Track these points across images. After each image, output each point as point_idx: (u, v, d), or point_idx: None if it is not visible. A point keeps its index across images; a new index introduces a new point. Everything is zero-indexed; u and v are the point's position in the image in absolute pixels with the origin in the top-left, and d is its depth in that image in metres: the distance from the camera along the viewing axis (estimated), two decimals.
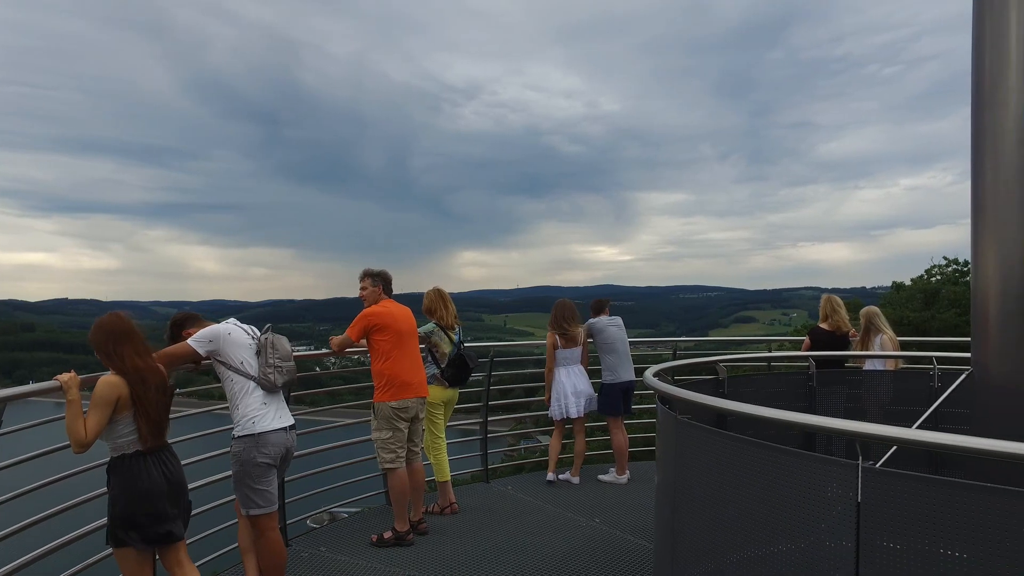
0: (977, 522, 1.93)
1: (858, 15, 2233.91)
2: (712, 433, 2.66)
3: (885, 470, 1.98)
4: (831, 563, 2.17)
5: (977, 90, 3.16)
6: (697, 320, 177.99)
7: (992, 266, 3.12)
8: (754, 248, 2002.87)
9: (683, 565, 2.94)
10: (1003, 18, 3.00)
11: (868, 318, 6.81)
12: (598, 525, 5.19)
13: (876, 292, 27.45)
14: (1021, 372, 3.01)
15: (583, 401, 6.26)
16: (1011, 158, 3.00)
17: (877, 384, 5.46)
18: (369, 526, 5.10)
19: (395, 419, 4.73)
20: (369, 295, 4.94)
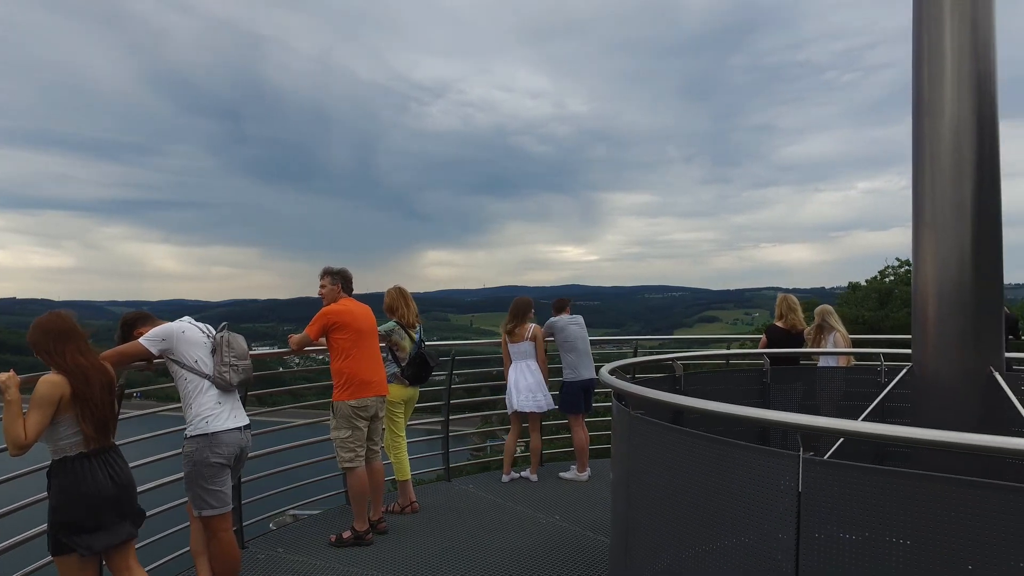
0: (914, 508, 2.01)
1: (819, 22, 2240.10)
2: (662, 428, 2.72)
3: (824, 460, 2.05)
4: (777, 553, 2.24)
5: (917, 99, 3.29)
6: (662, 320, 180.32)
7: (930, 267, 3.24)
8: (718, 249, 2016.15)
9: (636, 560, 2.99)
10: (939, 33, 3.14)
11: (822, 316, 7.02)
12: (558, 522, 5.24)
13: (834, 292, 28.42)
14: (956, 367, 3.14)
15: (527, 396, 6.22)
16: (947, 164, 3.14)
17: (830, 380, 5.63)
18: (328, 526, 5.06)
19: (354, 418, 4.71)
20: (328, 293, 4.91)
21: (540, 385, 6.27)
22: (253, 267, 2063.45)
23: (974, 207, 3.14)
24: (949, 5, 3.12)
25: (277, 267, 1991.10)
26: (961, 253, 3.14)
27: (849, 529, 2.12)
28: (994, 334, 3.16)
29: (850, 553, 2.10)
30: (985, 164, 3.13)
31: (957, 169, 3.15)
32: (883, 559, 2.06)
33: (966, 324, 3.13)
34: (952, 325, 3.16)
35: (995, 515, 1.90)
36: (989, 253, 3.15)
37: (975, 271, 3.13)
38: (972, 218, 3.14)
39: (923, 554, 2.01)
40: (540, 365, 6.31)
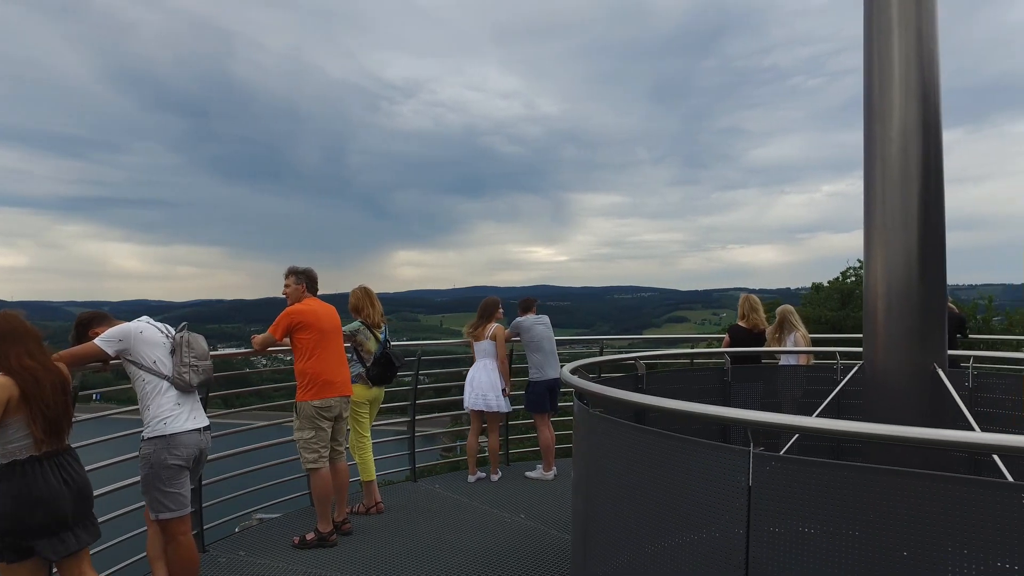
0: (859, 500, 2.09)
1: (786, 28, 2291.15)
2: (619, 425, 2.77)
3: (773, 455, 2.12)
4: (728, 547, 2.30)
5: (868, 106, 3.40)
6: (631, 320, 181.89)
7: (880, 268, 3.36)
8: (686, 250, 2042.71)
9: (596, 557, 3.04)
10: (888, 44, 3.26)
11: (783, 316, 7.19)
12: (523, 521, 5.28)
13: (800, 292, 29.12)
14: (904, 365, 3.26)
15: (476, 395, 6.24)
16: (895, 168, 3.25)
17: (790, 378, 5.77)
18: (292, 528, 5.02)
19: (318, 418, 4.68)
20: (292, 293, 4.88)
21: (493, 385, 6.26)
22: (219, 267, 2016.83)
23: (920, 211, 3.26)
24: (896, 17, 3.23)
25: (244, 267, 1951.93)
26: (908, 255, 3.26)
27: (798, 522, 2.19)
28: (938, 333, 3.28)
29: (798, 546, 2.17)
30: (930, 169, 3.25)
31: (904, 174, 3.26)
32: (830, 551, 2.14)
33: (912, 323, 3.24)
34: (899, 324, 3.27)
35: (932, 504, 1.98)
36: (934, 255, 3.27)
37: (921, 273, 3.25)
38: (918, 221, 3.26)
39: (868, 545, 2.09)
40: (499, 365, 6.33)
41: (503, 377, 6.32)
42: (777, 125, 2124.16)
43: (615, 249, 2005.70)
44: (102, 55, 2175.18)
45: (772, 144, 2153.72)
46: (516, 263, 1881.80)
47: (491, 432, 6.44)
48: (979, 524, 1.93)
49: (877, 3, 3.31)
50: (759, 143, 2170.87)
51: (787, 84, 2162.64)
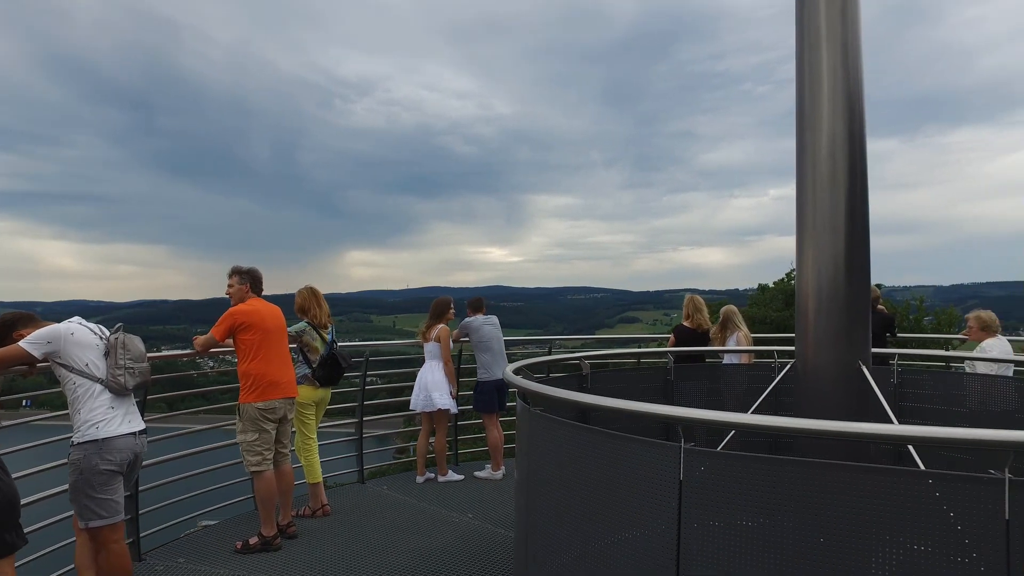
0: (787, 492, 2.18)
1: (737, 35, 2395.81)
2: (557, 423, 2.82)
3: (703, 450, 2.20)
4: (662, 542, 2.36)
5: (799, 115, 3.55)
6: (584, 320, 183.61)
7: (810, 270, 3.50)
8: (638, 251, 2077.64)
9: (537, 556, 3.08)
10: (817, 55, 3.42)
11: (726, 316, 7.41)
12: (471, 520, 5.30)
13: (747, 293, 29.91)
14: (832, 362, 3.41)
15: (418, 395, 6.29)
16: (824, 173, 3.40)
17: (731, 376, 5.95)
18: (235, 533, 4.91)
19: (261, 420, 4.60)
20: (235, 293, 4.79)
21: (439, 385, 6.28)
22: (163, 266, 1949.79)
23: (847, 215, 3.41)
24: (824, 32, 3.39)
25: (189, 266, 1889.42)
26: (836, 258, 3.41)
27: (728, 515, 2.28)
28: (863, 331, 3.45)
29: (728, 538, 2.26)
30: (856, 176, 3.42)
31: (833, 180, 3.42)
32: (759, 542, 2.23)
33: (839, 323, 3.40)
34: (828, 324, 3.42)
35: (854, 493, 2.09)
36: (859, 258, 3.43)
37: (848, 274, 3.41)
38: (845, 226, 3.41)
39: (796, 535, 2.19)
40: (444, 366, 6.35)
41: (448, 378, 6.33)
42: (728, 130, 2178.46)
43: (568, 250, 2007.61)
44: (32, 40, 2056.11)
45: (723, 148, 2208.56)
46: (470, 264, 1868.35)
47: (438, 432, 6.44)
48: (896, 510, 2.05)
49: (807, 18, 3.47)
50: (711, 147, 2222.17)
51: (738, 90, 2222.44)
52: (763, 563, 2.20)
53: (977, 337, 6.35)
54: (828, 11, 3.41)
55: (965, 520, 1.93)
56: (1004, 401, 4.53)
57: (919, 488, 2.01)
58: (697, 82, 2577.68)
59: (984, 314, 6.38)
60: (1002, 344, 6.15)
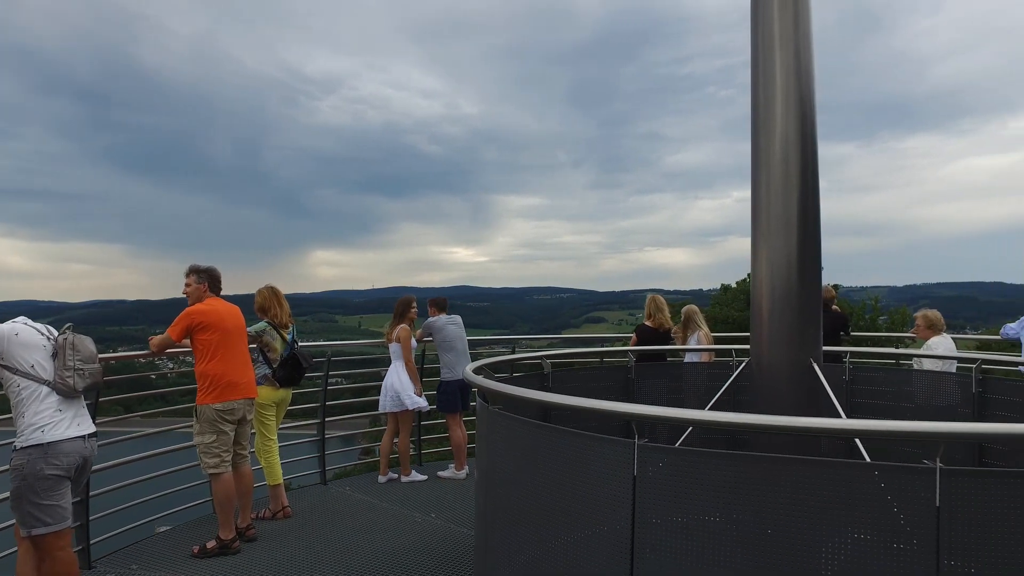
0: (739, 485, 2.24)
1: (703, 39, 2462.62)
2: (515, 421, 2.84)
3: (656, 446, 2.24)
4: (618, 538, 2.40)
5: (754, 119, 3.65)
6: (550, 320, 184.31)
7: (764, 271, 3.60)
8: (604, 252, 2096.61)
9: (496, 556, 3.10)
10: (771, 60, 3.51)
11: (687, 316, 7.53)
12: (433, 520, 5.29)
13: (711, 294, 30.49)
14: (784, 360, 3.51)
15: (387, 396, 6.32)
16: (777, 174, 3.50)
17: (692, 374, 6.05)
18: (192, 537, 4.82)
19: (219, 422, 4.53)
20: (193, 292, 4.71)
21: (405, 385, 6.31)
22: (118, 265, 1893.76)
23: (799, 217, 3.52)
24: (778, 37, 3.48)
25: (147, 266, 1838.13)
26: (788, 258, 3.51)
27: (681, 509, 2.33)
28: (814, 330, 3.56)
29: (681, 532, 2.31)
30: (808, 179, 3.52)
31: (785, 183, 3.52)
32: (713, 536, 2.28)
33: (792, 322, 3.50)
34: (781, 323, 3.52)
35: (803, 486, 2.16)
36: (811, 258, 3.54)
37: (800, 275, 3.51)
38: (798, 227, 3.52)
39: (748, 527, 2.25)
40: (405, 365, 6.34)
41: (411, 377, 6.33)
42: (693, 132, 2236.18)
43: (535, 250, 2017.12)
44: None
45: (688, 151, 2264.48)
46: (437, 264, 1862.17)
47: (402, 432, 6.43)
48: (844, 501, 2.12)
49: (761, 24, 3.56)
50: (676, 149, 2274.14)
51: (703, 93, 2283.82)
52: (717, 557, 2.26)
53: (924, 335, 6.60)
54: (781, 18, 3.51)
55: (904, 508, 2.01)
56: (948, 396, 4.71)
57: (864, 479, 2.09)
58: (663, 84, 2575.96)
59: (931, 313, 6.62)
60: (946, 342, 6.39)
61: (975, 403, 4.32)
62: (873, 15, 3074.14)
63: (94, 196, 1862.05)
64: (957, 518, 1.87)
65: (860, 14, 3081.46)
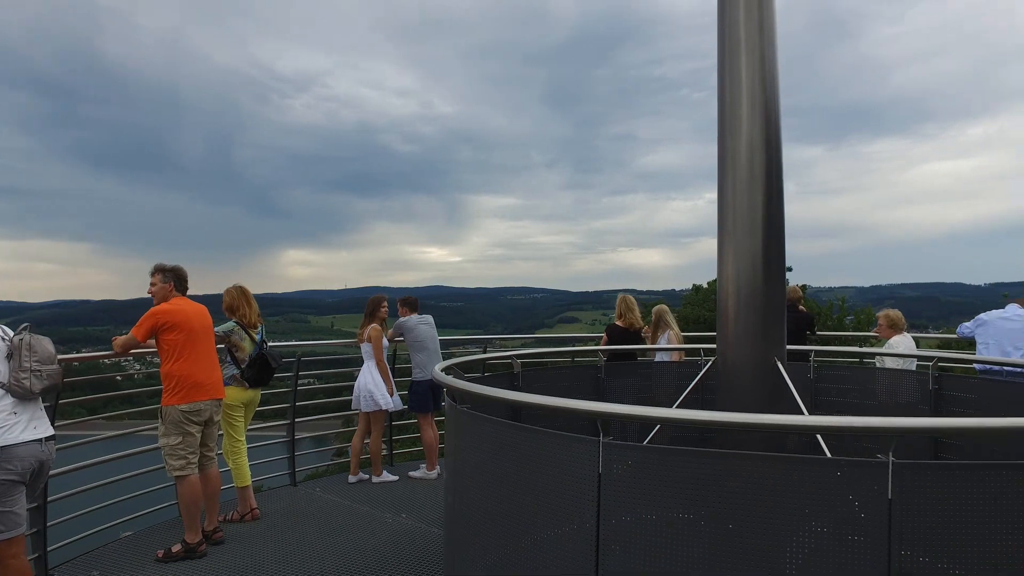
0: (703, 481, 2.27)
1: (674, 41, 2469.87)
2: (481, 420, 2.85)
3: (620, 443, 2.27)
4: (584, 536, 2.42)
5: (720, 121, 3.70)
6: (524, 320, 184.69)
7: (730, 270, 3.65)
8: (578, 252, 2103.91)
9: (465, 553, 3.11)
10: (736, 64, 3.57)
11: (658, 316, 7.62)
12: (404, 520, 5.28)
13: (683, 294, 30.90)
14: (749, 358, 3.57)
15: (359, 396, 6.32)
16: (743, 176, 3.56)
17: (661, 373, 6.12)
18: (156, 541, 4.74)
19: (185, 423, 4.46)
20: (158, 292, 4.64)
21: (378, 384, 6.31)
22: (84, 264, 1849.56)
23: (764, 218, 3.57)
24: (744, 43, 3.54)
25: (113, 265, 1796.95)
26: (753, 258, 3.57)
27: (644, 506, 2.36)
28: (778, 329, 3.62)
29: (645, 529, 2.34)
30: (773, 181, 3.58)
31: (751, 185, 3.57)
32: (678, 531, 2.31)
33: (756, 321, 3.55)
34: (746, 322, 3.58)
35: (766, 482, 2.20)
36: (775, 259, 3.60)
37: (765, 275, 3.57)
38: (763, 228, 3.57)
39: (712, 523, 2.29)
40: (376, 364, 6.33)
41: (382, 377, 6.32)
42: (666, 134, 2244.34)
43: (509, 250, 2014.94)
44: None
45: (661, 152, 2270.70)
46: (410, 263, 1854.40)
47: (374, 432, 6.41)
48: (805, 496, 2.17)
49: (727, 30, 3.62)
50: (649, 150, 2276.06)
51: (675, 96, 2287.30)
52: (683, 553, 2.28)
53: (886, 334, 6.77)
54: (747, 24, 3.57)
55: (860, 502, 2.07)
56: (908, 393, 4.84)
57: (825, 474, 2.14)
58: (637, 86, 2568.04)
59: (892, 313, 6.80)
60: (907, 341, 6.57)
61: (932, 399, 4.44)
62: (840, 22, 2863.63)
63: (59, 193, 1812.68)
64: (908, 510, 1.93)
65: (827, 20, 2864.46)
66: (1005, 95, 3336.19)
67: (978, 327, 6.12)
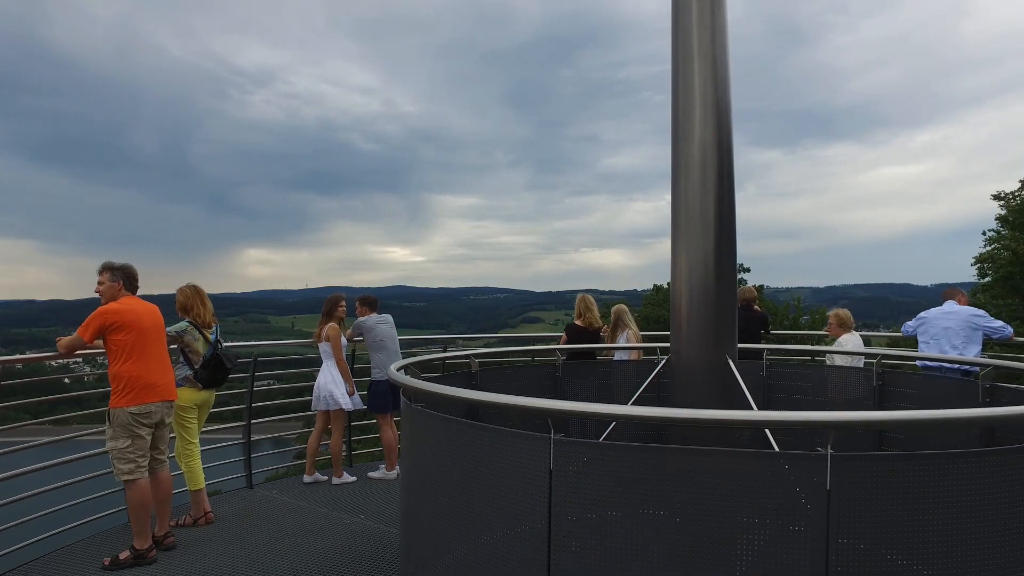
0: (654, 477, 2.32)
1: (638, 45, 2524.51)
2: (435, 418, 2.85)
3: (570, 439, 2.30)
4: (536, 533, 2.44)
5: (674, 124, 3.78)
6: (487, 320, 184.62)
7: (683, 270, 3.74)
8: (541, 252, 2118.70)
9: (420, 553, 3.11)
10: (690, 70, 3.65)
11: (617, 315, 7.71)
12: (362, 521, 5.24)
13: (645, 294, 31.56)
14: (701, 356, 3.65)
15: (319, 396, 6.28)
16: (695, 178, 3.64)
17: (619, 371, 6.21)
18: (103, 549, 4.59)
19: (135, 425, 4.35)
20: (106, 291, 4.52)
21: (338, 384, 6.27)
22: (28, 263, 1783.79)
23: (716, 219, 3.67)
24: (696, 49, 3.63)
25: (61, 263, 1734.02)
26: (706, 259, 3.66)
27: (599, 503, 2.39)
28: (730, 328, 3.72)
29: (598, 525, 2.38)
30: (724, 182, 3.68)
31: (703, 186, 3.66)
32: (629, 527, 2.36)
33: (708, 320, 3.65)
34: (698, 321, 3.67)
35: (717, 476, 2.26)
36: (727, 259, 3.70)
37: (716, 275, 3.67)
38: (715, 229, 3.67)
39: (660, 518, 2.34)
40: (337, 364, 6.28)
41: (343, 377, 6.27)
42: (628, 136, 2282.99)
43: (472, 250, 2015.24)
44: None
45: (623, 154, 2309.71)
46: (373, 263, 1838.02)
47: (334, 433, 6.35)
48: (754, 489, 2.23)
49: (681, 36, 3.70)
50: (612, 152, 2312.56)
51: (637, 98, 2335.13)
52: (635, 548, 2.33)
53: (836, 333, 6.99)
54: (699, 30, 3.65)
55: (805, 493, 2.14)
56: (855, 389, 5.01)
57: (772, 467, 2.21)
58: (599, 88, 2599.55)
59: (841, 312, 7.03)
60: (855, 339, 6.80)
61: (876, 395, 4.61)
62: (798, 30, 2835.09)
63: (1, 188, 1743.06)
64: (845, 500, 2.01)
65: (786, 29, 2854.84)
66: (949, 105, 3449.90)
67: (919, 325, 6.37)
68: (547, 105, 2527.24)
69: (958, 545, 2.07)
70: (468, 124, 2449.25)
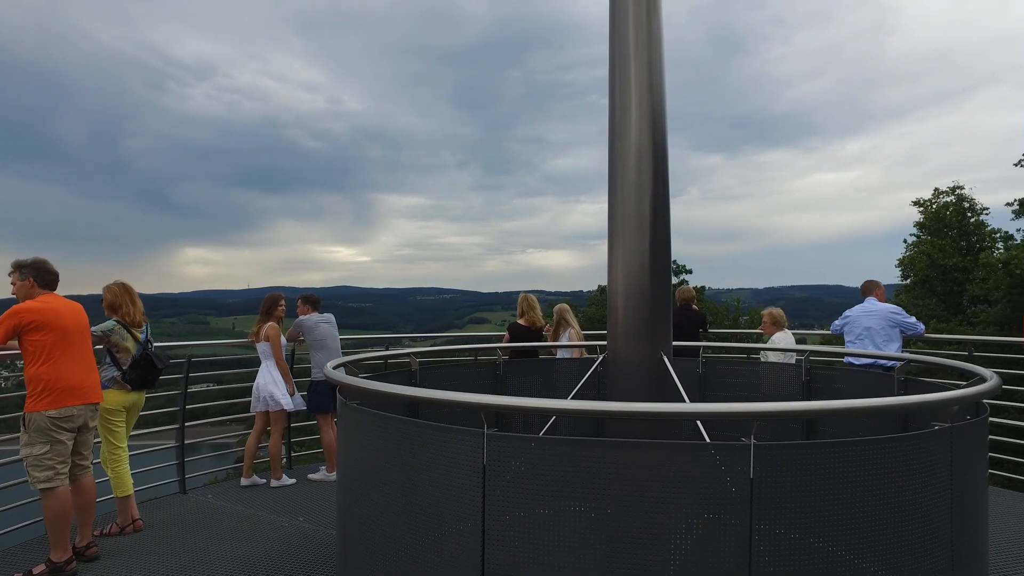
0: (588, 469, 2.34)
1: (585, 48, 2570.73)
2: (368, 415, 2.82)
3: (502, 434, 2.31)
4: (471, 528, 2.44)
5: (611, 124, 3.84)
6: (434, 321, 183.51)
7: (620, 269, 3.79)
8: (488, 253, 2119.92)
9: (355, 553, 3.06)
10: (626, 74, 3.72)
11: (559, 314, 7.80)
12: (302, 524, 5.13)
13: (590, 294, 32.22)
14: (637, 353, 3.72)
15: (259, 396, 6.20)
16: (631, 179, 3.71)
17: (560, 369, 6.28)
18: (15, 563, 4.34)
19: (54, 430, 4.13)
20: (19, 291, 4.30)
21: (277, 384, 6.17)
22: None
23: (651, 219, 3.74)
24: (632, 53, 3.69)
25: None
26: (641, 258, 3.72)
27: (530, 496, 2.41)
28: (664, 325, 3.79)
29: (530, 518, 2.39)
30: (659, 184, 3.76)
31: (639, 187, 3.73)
32: (563, 521, 2.38)
33: (643, 318, 3.71)
34: (634, 318, 3.73)
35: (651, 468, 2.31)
36: (661, 259, 3.77)
37: (652, 273, 3.74)
38: (650, 228, 3.74)
39: (595, 509, 2.37)
40: (276, 364, 6.16)
41: (284, 376, 6.15)
42: (575, 138, 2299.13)
43: (418, 251, 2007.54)
44: None
45: (569, 155, 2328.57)
46: (317, 263, 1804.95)
47: (273, 434, 6.22)
48: (685, 479, 2.29)
49: (617, 37, 3.76)
50: (559, 153, 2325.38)
51: (584, 101, 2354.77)
52: (572, 541, 2.35)
53: (769, 331, 7.25)
54: (636, 34, 3.72)
55: (733, 482, 2.21)
56: (786, 384, 5.21)
57: (702, 457, 2.27)
58: (546, 91, 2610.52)
59: (775, 311, 7.29)
60: (787, 337, 7.06)
61: (805, 389, 4.80)
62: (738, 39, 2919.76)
63: None
64: (766, 487, 2.09)
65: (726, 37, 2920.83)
66: (877, 116, 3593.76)
67: (845, 324, 6.67)
68: (495, 106, 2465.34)
69: (876, 527, 2.18)
70: (415, 123, 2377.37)
